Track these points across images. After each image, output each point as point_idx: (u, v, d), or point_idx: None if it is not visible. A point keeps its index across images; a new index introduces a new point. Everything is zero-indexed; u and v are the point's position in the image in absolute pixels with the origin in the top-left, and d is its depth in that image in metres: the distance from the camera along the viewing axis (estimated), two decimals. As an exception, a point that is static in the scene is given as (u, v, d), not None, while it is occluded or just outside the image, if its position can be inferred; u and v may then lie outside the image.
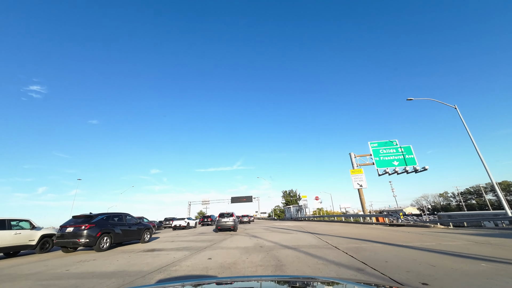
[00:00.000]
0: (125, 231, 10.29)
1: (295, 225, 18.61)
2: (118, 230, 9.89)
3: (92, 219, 9.05)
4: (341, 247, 6.80)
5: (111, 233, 9.40)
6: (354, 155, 23.28)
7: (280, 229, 13.92)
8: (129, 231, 10.56)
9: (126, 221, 10.73)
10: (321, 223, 20.67)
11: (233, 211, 16.42)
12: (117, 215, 10.46)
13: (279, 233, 11.17)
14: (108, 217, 9.80)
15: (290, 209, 47.84)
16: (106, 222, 9.50)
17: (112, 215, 10.09)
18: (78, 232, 8.41)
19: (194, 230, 19.27)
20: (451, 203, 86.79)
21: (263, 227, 18.68)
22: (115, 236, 9.58)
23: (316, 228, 13.83)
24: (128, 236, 10.46)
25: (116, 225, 9.88)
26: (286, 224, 23.45)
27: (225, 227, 15.11)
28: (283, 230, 13.02)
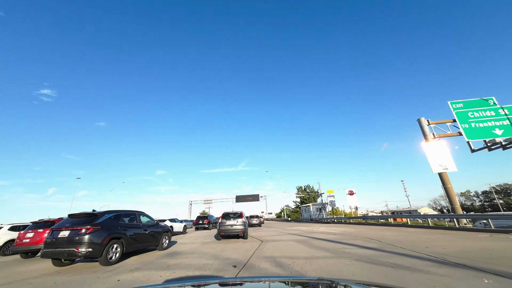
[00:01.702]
0: (140, 236, 7.80)
1: (340, 231, 12.76)
2: (131, 234, 7.40)
3: (96, 218, 6.56)
4: None
5: (122, 238, 6.92)
6: (428, 121, 15.57)
7: (330, 241, 8.16)
8: (144, 236, 8.07)
9: (140, 222, 8.25)
10: (376, 228, 14.37)
11: (242, 211, 12.11)
12: (129, 213, 7.96)
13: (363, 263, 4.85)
14: (118, 216, 7.31)
15: (309, 208, 40.36)
16: (116, 223, 7.02)
17: (123, 214, 7.58)
18: (76, 237, 5.94)
19: (179, 238, 14.21)
20: (475, 202, 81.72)
21: (287, 234, 12.89)
22: (127, 242, 7.09)
23: (400, 239, 8.18)
24: (143, 241, 7.96)
25: (128, 228, 7.40)
26: (314, 228, 17.73)
27: (232, 233, 10.95)
28: (341, 244, 7.23)
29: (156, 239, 8.79)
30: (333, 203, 32.83)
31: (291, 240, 9.59)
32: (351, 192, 28.75)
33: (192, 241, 11.94)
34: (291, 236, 11.41)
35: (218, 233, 11.40)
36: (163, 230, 9.30)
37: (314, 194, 50.63)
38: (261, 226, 25.78)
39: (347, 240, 8.82)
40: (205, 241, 11.49)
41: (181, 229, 19.91)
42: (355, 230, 13.95)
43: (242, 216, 11.65)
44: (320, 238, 10.00)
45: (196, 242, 11.03)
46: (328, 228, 17.17)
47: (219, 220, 11.61)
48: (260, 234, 13.94)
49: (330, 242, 8.41)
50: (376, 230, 13.49)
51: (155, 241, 8.73)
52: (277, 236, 12.18)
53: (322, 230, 15.18)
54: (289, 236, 11.76)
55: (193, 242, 11.12)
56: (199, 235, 15.72)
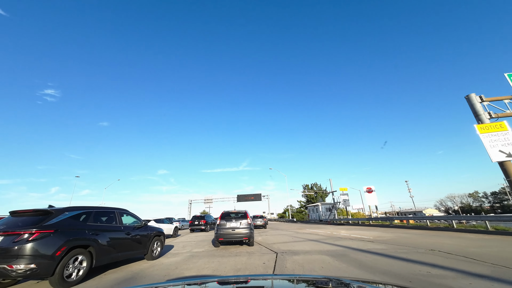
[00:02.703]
0: (119, 242, 5.71)
1: (374, 237, 10.32)
2: (107, 239, 5.31)
3: (49, 218, 4.46)
4: None
5: (91, 246, 4.85)
6: (481, 98, 12.41)
7: (386, 257, 5.75)
8: (126, 241, 5.98)
9: (121, 223, 6.14)
10: (416, 233, 12.11)
11: (246, 209, 10.02)
12: (105, 211, 5.83)
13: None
14: (85, 215, 5.20)
15: (317, 208, 36.59)
16: (81, 225, 4.93)
17: (94, 212, 5.46)
18: (11, 247, 3.86)
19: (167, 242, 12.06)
20: (483, 204, 79.36)
21: (304, 240, 10.34)
22: (100, 251, 5.01)
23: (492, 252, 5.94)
24: (125, 249, 5.87)
25: (102, 231, 5.31)
26: (332, 231, 14.95)
27: (233, 238, 8.80)
28: (412, 265, 4.83)
29: (144, 245, 6.70)
30: (347, 202, 29.25)
31: (320, 253, 6.78)
32: (370, 189, 25.17)
33: (179, 249, 9.19)
34: (313, 245, 8.80)
35: (216, 238, 9.01)
36: (153, 233, 7.20)
37: (321, 193, 47.84)
38: (266, 228, 23.30)
39: (409, 253, 6.04)
40: (195, 250, 8.67)
41: (170, 231, 16.24)
42: (392, 235, 11.42)
43: (247, 217, 9.29)
44: (361, 249, 7.25)
45: (181, 253, 8.17)
46: (350, 231, 14.80)
47: (217, 222, 9.27)
48: (268, 240, 11.46)
49: (386, 258, 5.61)
50: (420, 235, 11.13)
51: (142, 248, 6.64)
52: (293, 243, 9.61)
53: (345, 234, 12.86)
54: (310, 244, 9.09)
55: (177, 253, 8.25)
56: (191, 240, 13.17)
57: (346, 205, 29.21)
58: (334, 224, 26.27)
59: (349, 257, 6.05)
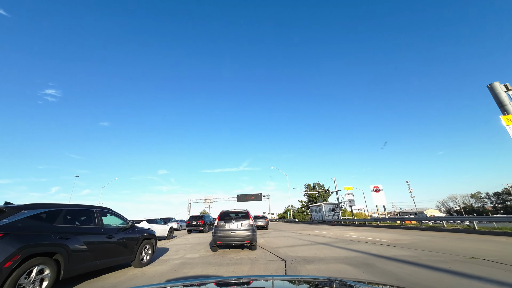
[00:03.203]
0: (98, 246, 4.68)
1: (392, 241, 9.21)
2: (80, 244, 4.28)
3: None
4: None
5: (58, 253, 3.83)
6: (506, 86, 11.13)
7: (417, 266, 4.87)
8: (108, 246, 4.95)
9: (101, 224, 5.09)
10: (436, 235, 10.97)
11: (247, 209, 8.98)
12: (79, 210, 4.79)
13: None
14: (52, 215, 4.17)
15: (320, 208, 35.40)
16: (45, 227, 3.90)
17: (65, 211, 4.42)
18: None
19: (161, 244, 10.99)
20: (486, 204, 78.45)
21: (312, 243, 9.40)
22: (71, 259, 3.99)
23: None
24: (105, 256, 4.84)
25: (75, 234, 4.28)
26: (340, 233, 13.98)
27: (233, 241, 7.80)
28: (458, 278, 3.86)
29: (130, 250, 5.67)
30: (352, 202, 27.78)
31: (338, 261, 5.73)
32: (377, 188, 23.61)
33: (171, 255, 8.11)
34: (325, 249, 7.69)
35: (214, 242, 7.92)
36: (142, 236, 6.16)
37: (324, 193, 46.68)
38: (268, 229, 22.16)
39: (448, 263, 4.96)
40: (189, 256, 7.55)
41: (165, 233, 14.88)
42: (409, 238, 10.23)
43: (249, 217, 8.28)
44: (385, 255, 6.14)
45: (172, 259, 7.04)
46: (359, 233, 13.72)
47: (215, 223, 8.26)
48: (272, 243, 10.40)
49: (425, 269, 4.56)
50: (441, 238, 9.99)
51: (129, 253, 5.61)
52: (301, 247, 8.56)
53: (356, 236, 11.77)
54: (321, 248, 7.99)
55: (168, 259, 7.12)
56: (187, 242, 12.09)
57: (351, 205, 27.92)
58: (339, 224, 25.19)
59: (376, 267, 5.01)
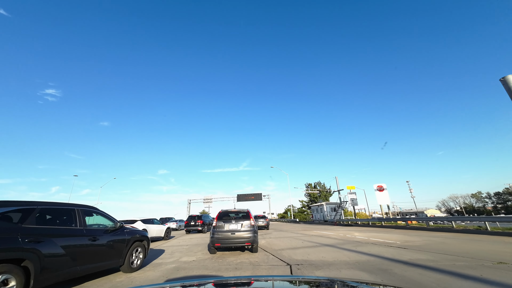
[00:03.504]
0: (78, 250, 4.09)
1: (403, 242, 8.73)
2: (56, 249, 3.69)
3: None
4: None
5: (26, 260, 3.25)
6: None
7: (449, 275, 4.12)
8: (91, 249, 4.35)
9: (83, 225, 4.49)
10: (448, 236, 10.52)
11: (248, 209, 8.39)
12: (57, 209, 4.18)
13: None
14: (21, 215, 3.55)
15: (322, 208, 34.76)
16: (10, 229, 3.29)
17: (38, 210, 3.80)
18: None
19: (155, 246, 10.50)
20: (486, 204, 78.14)
21: (318, 245, 8.79)
22: (42, 266, 3.40)
23: None
24: (87, 260, 4.25)
25: (49, 237, 3.68)
26: (345, 233, 13.31)
27: (233, 243, 7.23)
28: None
29: (118, 254, 5.08)
30: (355, 201, 27.04)
31: (349, 266, 5.12)
32: (381, 187, 22.72)
33: (165, 258, 7.44)
34: (332, 252, 7.10)
35: (212, 244, 7.35)
36: (132, 238, 5.56)
37: (325, 193, 46.00)
38: (269, 229, 21.54)
39: (476, 269, 4.40)
40: (184, 259, 6.95)
41: (161, 233, 14.20)
42: (420, 239, 9.60)
43: (250, 217, 7.70)
44: (400, 259, 5.56)
45: (165, 263, 6.41)
46: (365, 234, 13.09)
47: (213, 223, 7.68)
48: (274, 244, 9.78)
49: (451, 276, 3.99)
50: (454, 239, 9.35)
51: (116, 256, 5.02)
52: (306, 249, 7.97)
53: (362, 237, 11.12)
54: (328, 250, 7.40)
55: (161, 263, 6.52)
56: (184, 244, 11.45)
57: (354, 205, 27.19)
58: (341, 225, 24.57)
59: (395, 274, 4.42)
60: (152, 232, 13.22)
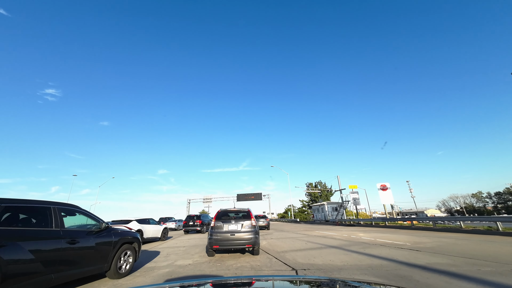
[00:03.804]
0: (54, 255, 3.53)
1: (413, 244, 8.19)
2: (24, 254, 3.12)
3: None
4: None
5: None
6: None
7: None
8: (69, 254, 3.79)
9: (61, 225, 3.93)
10: (458, 237, 9.96)
11: (249, 208, 7.80)
12: (28, 208, 3.60)
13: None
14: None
15: (323, 208, 34.06)
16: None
17: (2, 209, 3.25)
18: None
19: (151, 247, 9.94)
20: (487, 204, 77.96)
21: (324, 246, 8.26)
22: (6, 276, 2.83)
23: None
24: (64, 267, 3.68)
25: (15, 240, 3.12)
26: (349, 234, 12.79)
27: (232, 245, 6.66)
28: None
29: (104, 258, 4.52)
30: (357, 201, 26.28)
31: (361, 271, 4.60)
32: (384, 186, 21.96)
33: (159, 261, 6.83)
34: (340, 254, 6.57)
35: (210, 246, 6.81)
36: (120, 240, 5.00)
37: (326, 192, 45.44)
38: (269, 229, 20.95)
39: (506, 276, 3.84)
40: (180, 263, 6.35)
41: (158, 234, 13.61)
42: (430, 240, 9.04)
43: (251, 217, 7.15)
44: (416, 264, 5.00)
45: (158, 267, 5.84)
46: (370, 234, 12.51)
47: (211, 223, 7.13)
48: (277, 245, 9.19)
49: (473, 283, 3.55)
50: (466, 240, 8.79)
51: (101, 261, 4.46)
52: (310, 251, 7.43)
53: (368, 238, 10.55)
54: (335, 253, 6.86)
55: (154, 267, 5.96)
56: (181, 245, 10.91)
57: (356, 204, 26.45)
58: (343, 225, 24.02)
59: (417, 282, 3.85)
60: (148, 232, 12.69)
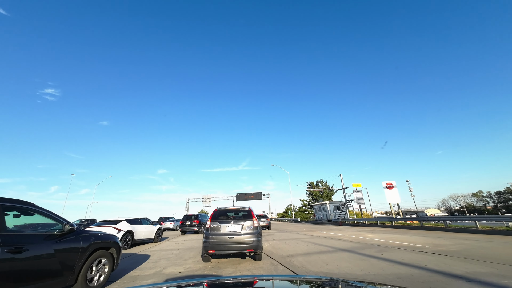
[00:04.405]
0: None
1: (433, 247, 7.32)
2: None
3: None
4: None
5: None
6: None
7: None
8: (11, 265, 2.82)
9: (3, 228, 2.97)
10: (479, 239, 9.17)
11: (250, 206, 6.90)
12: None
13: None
14: None
15: (325, 207, 32.88)
16: None
17: None
18: None
19: (143, 250, 9.14)
20: (487, 204, 77.70)
21: (333, 249, 7.52)
22: None
23: None
24: (4, 283, 2.74)
25: None
26: (356, 234, 11.99)
27: (231, 250, 5.72)
28: None
29: (68, 268, 3.56)
30: (361, 200, 25.40)
31: (388, 282, 3.79)
32: (390, 185, 21.00)
33: (146, 268, 5.85)
34: (355, 259, 5.74)
35: (204, 250, 5.79)
36: (91, 245, 4.04)
37: (328, 191, 44.60)
38: (271, 229, 20.04)
39: None
40: (169, 271, 5.44)
41: (151, 235, 12.70)
42: (450, 242, 8.09)
43: (252, 217, 6.23)
44: (452, 273, 4.17)
45: (143, 276, 5.01)
46: (379, 235, 11.55)
47: (207, 224, 6.14)
48: (280, 248, 8.31)
49: None
50: (491, 242, 7.95)
51: (64, 272, 3.50)
52: (320, 255, 6.57)
53: (379, 240, 9.63)
54: (349, 257, 6.05)
55: (138, 276, 5.02)
56: (174, 247, 9.97)
57: (360, 203, 25.57)
58: (346, 224, 23.15)
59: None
60: (139, 234, 11.71)
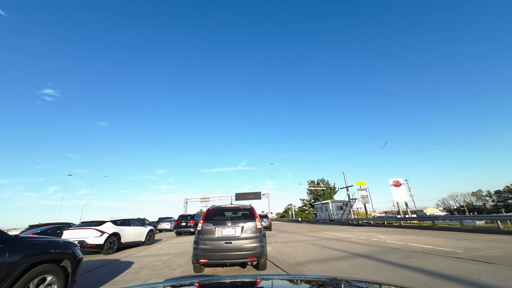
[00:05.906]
0: None
1: (464, 249, 6.44)
2: None
3: None
4: None
5: None
6: None
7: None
8: None
9: None
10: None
11: (251, 204, 5.71)
12: None
13: None
14: None
15: (327, 206, 31.75)
16: None
17: None
18: None
19: (130, 256, 8.03)
20: (487, 203, 77.57)
21: (349, 254, 6.32)
22: None
23: None
24: None
25: None
26: (367, 236, 10.96)
27: (229, 258, 4.41)
28: None
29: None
30: (366, 198, 24.15)
31: None
32: (397, 182, 20.07)
33: (122, 281, 4.75)
34: (381, 269, 4.66)
35: (195, 259, 4.53)
36: (26, 257, 2.81)
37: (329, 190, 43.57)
38: (272, 230, 18.98)
39: None
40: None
41: (141, 237, 11.49)
42: (480, 245, 6.63)
43: (255, 217, 5.06)
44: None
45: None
46: (393, 236, 10.37)
47: (198, 226, 4.92)
48: (286, 253, 7.19)
49: None
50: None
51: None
52: (335, 263, 5.53)
53: (394, 242, 8.45)
54: (370, 266, 5.04)
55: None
56: (165, 252, 8.77)
57: (365, 202, 24.36)
58: (350, 224, 22.11)
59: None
60: (127, 236, 10.46)
